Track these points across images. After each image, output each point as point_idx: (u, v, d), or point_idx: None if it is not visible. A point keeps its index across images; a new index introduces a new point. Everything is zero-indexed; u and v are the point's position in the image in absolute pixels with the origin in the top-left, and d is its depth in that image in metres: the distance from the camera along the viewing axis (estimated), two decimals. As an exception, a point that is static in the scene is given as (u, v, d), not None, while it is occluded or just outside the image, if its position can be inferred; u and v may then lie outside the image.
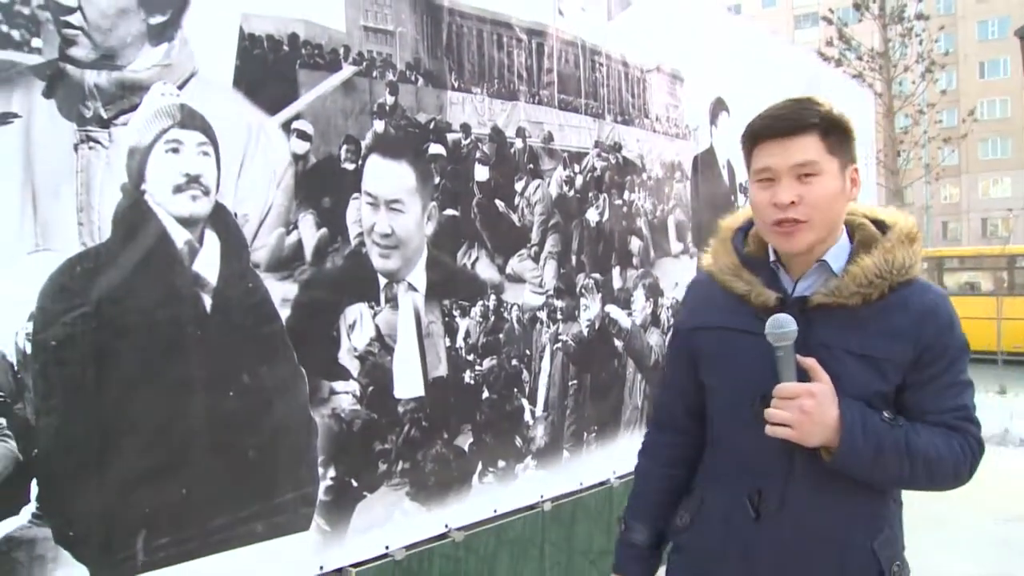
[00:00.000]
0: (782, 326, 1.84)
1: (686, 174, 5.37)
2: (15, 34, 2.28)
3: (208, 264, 2.68)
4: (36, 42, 2.33)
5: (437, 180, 3.49)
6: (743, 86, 6.01)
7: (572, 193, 4.28)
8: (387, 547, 3.22)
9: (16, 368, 2.28)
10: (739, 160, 5.93)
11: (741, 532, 1.97)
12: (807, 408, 1.82)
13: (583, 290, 4.32)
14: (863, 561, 1.92)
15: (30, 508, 2.30)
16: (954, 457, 1.90)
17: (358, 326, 3.15)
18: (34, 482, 2.30)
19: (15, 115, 2.28)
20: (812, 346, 1.88)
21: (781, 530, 1.92)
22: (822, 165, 1.87)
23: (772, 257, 2.02)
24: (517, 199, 3.94)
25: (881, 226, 2.01)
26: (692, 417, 2.18)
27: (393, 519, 3.26)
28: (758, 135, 1.94)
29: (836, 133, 1.90)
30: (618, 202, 4.63)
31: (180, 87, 2.63)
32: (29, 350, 2.30)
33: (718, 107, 5.83)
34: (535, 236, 4.02)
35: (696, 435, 2.18)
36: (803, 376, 1.87)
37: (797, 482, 1.91)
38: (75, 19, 2.40)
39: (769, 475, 1.94)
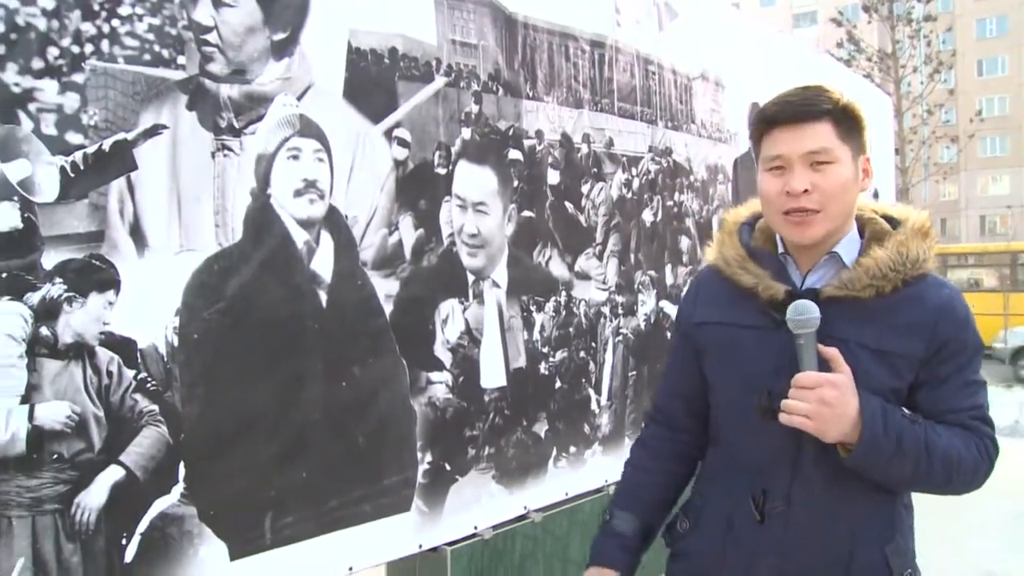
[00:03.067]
0: (805, 312, 1.73)
1: (728, 176, 5.50)
2: (165, 53, 2.41)
3: (324, 263, 2.80)
4: (181, 59, 2.46)
5: (516, 183, 3.61)
6: (776, 92, 6.13)
7: (630, 195, 4.40)
8: (476, 527, 3.35)
9: (166, 359, 2.41)
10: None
11: (744, 536, 1.87)
12: (828, 399, 1.70)
13: (640, 286, 4.45)
14: (873, 568, 1.82)
15: (179, 488, 2.42)
16: (973, 458, 1.79)
17: (450, 320, 3.28)
18: (181, 464, 2.43)
19: (164, 126, 2.41)
20: (824, 340, 1.76)
21: (786, 532, 1.82)
22: (836, 153, 1.78)
23: (781, 249, 1.92)
24: (583, 201, 4.06)
25: (891, 222, 1.92)
26: (693, 417, 2.08)
27: (481, 501, 3.38)
28: (770, 121, 1.84)
29: (848, 121, 1.81)
30: (669, 203, 4.76)
31: (299, 98, 2.75)
32: (176, 342, 2.43)
33: (754, 111, 5.95)
34: (599, 236, 4.15)
35: (696, 434, 2.08)
36: (823, 367, 1.76)
37: (804, 481, 1.81)
38: (212, 37, 2.53)
39: (774, 474, 1.84)
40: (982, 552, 5.86)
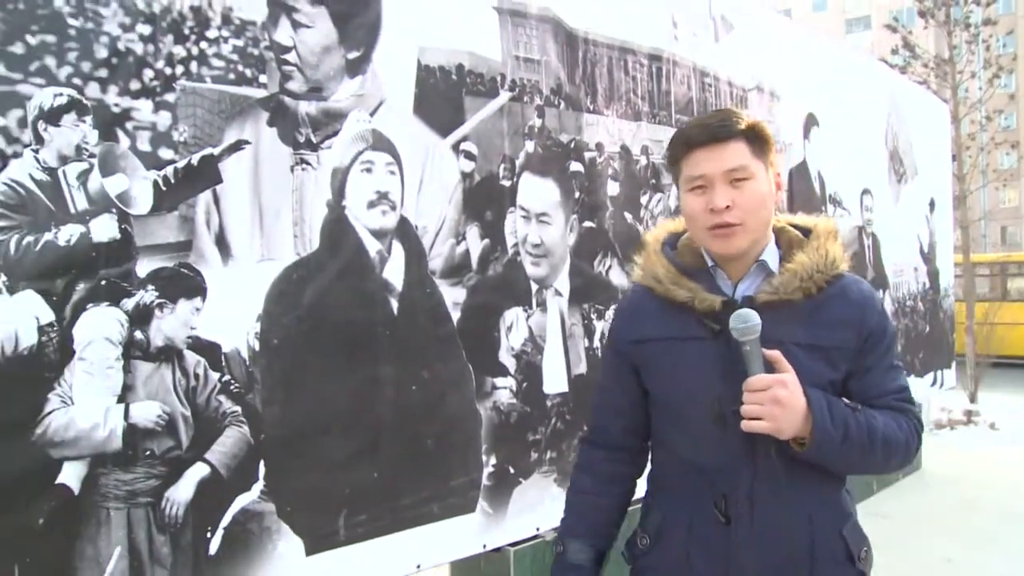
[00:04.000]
0: (747, 320, 1.79)
1: (782, 186, 5.53)
2: (247, 72, 2.54)
3: (395, 271, 2.91)
4: (263, 78, 2.58)
5: (577, 195, 3.70)
6: (832, 102, 6.16)
7: (687, 205, 4.46)
8: (537, 528, 3.43)
9: (248, 363, 2.52)
10: (829, 172, 6.11)
11: (709, 540, 1.90)
12: (780, 398, 1.77)
13: (697, 295, 4.50)
14: (834, 548, 1.90)
15: (259, 486, 2.54)
16: (905, 437, 1.91)
17: (515, 327, 3.37)
18: (261, 463, 2.55)
19: (247, 142, 2.53)
20: (763, 343, 1.82)
21: (751, 530, 1.87)
22: (752, 169, 1.86)
23: (710, 262, 1.97)
24: (642, 211, 4.14)
25: (801, 231, 2.01)
26: (631, 434, 2.09)
27: (543, 503, 3.46)
28: (690, 143, 1.90)
29: (759, 140, 1.89)
30: (726, 213, 4.80)
31: (372, 114, 2.87)
32: (257, 347, 2.55)
33: (810, 122, 5.97)
34: (657, 245, 4.21)
35: (634, 452, 2.11)
36: (768, 369, 1.82)
37: (762, 481, 1.87)
38: (291, 57, 2.65)
39: (733, 477, 1.88)
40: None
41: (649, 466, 2.12)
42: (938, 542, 5.70)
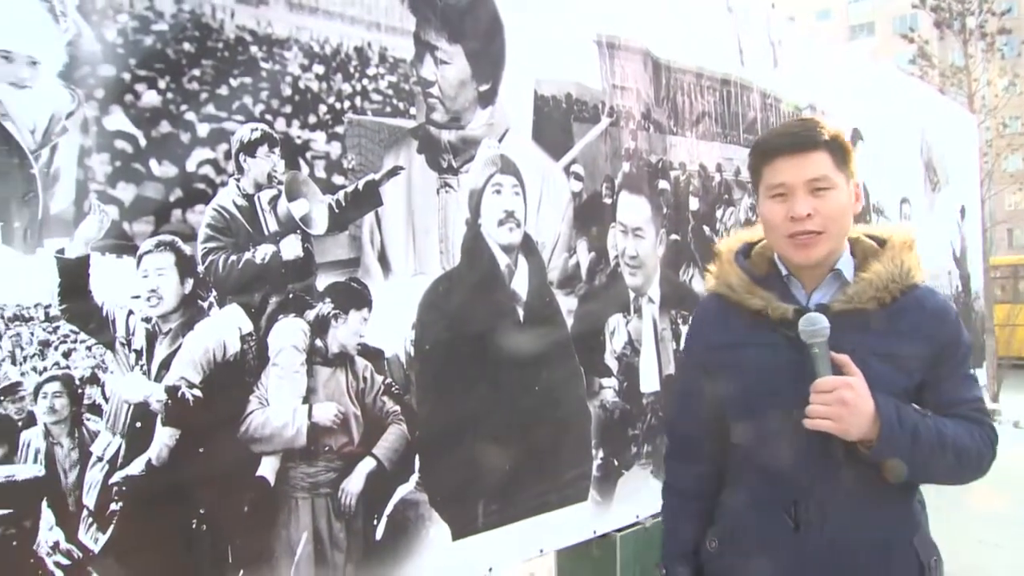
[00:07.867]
0: (815, 323, 1.79)
1: (861, 197, 5.68)
2: (401, 105, 2.72)
3: (521, 283, 3.08)
4: (412, 110, 2.76)
5: (664, 210, 3.89)
6: (873, 117, 6.32)
7: (755, 219, 4.64)
8: (637, 516, 3.60)
9: (405, 367, 2.70)
10: (872, 183, 6.27)
11: (778, 545, 1.88)
12: (846, 399, 1.75)
13: (764, 301, 4.68)
14: (906, 558, 1.87)
15: (415, 477, 2.71)
16: (977, 447, 1.85)
17: (616, 332, 3.54)
18: (417, 457, 2.73)
19: (401, 168, 2.72)
20: (836, 350, 1.81)
21: (823, 537, 1.84)
22: (833, 179, 1.84)
23: (784, 271, 1.96)
24: (717, 224, 4.32)
25: (876, 240, 1.98)
26: (712, 442, 2.05)
27: (640, 493, 3.63)
28: (772, 152, 1.89)
29: (840, 151, 1.87)
30: (786, 224, 4.98)
31: (500, 140, 3.06)
32: (412, 353, 2.73)
33: (855, 137, 6.12)
34: (731, 255, 4.39)
35: (715, 460, 2.06)
36: (836, 373, 1.81)
37: (836, 487, 1.84)
38: (434, 90, 2.83)
39: (805, 484, 1.86)
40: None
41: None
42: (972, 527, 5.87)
